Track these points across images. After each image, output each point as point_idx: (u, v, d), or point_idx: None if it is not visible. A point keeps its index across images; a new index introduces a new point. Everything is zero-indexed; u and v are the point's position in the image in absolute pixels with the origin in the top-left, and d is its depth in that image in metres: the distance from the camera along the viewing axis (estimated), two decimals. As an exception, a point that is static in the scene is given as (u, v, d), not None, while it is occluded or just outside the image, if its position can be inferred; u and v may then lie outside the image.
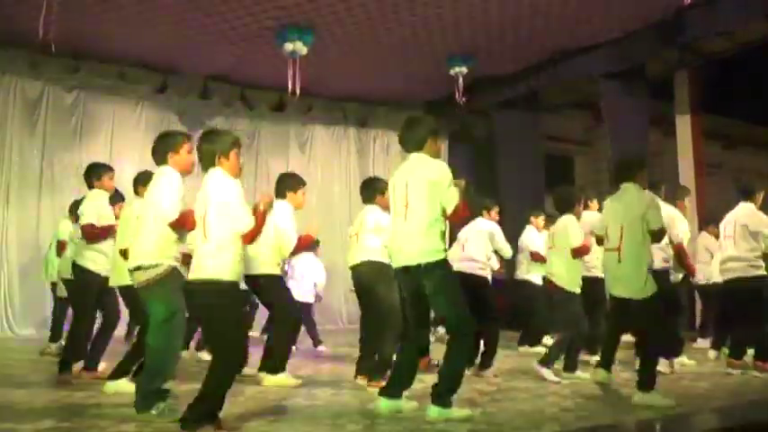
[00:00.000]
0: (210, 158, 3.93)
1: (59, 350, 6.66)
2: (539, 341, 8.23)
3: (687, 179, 11.02)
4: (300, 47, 9.03)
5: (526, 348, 8.04)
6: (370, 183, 6.06)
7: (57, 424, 3.95)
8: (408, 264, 4.26)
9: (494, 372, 6.12)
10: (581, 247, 5.92)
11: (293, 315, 5.88)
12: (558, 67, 10.63)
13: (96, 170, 5.83)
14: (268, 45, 9.41)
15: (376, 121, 13.13)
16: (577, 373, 5.92)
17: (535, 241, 8.12)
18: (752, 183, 6.69)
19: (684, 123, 11.34)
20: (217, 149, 3.92)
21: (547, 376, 5.71)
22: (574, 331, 5.88)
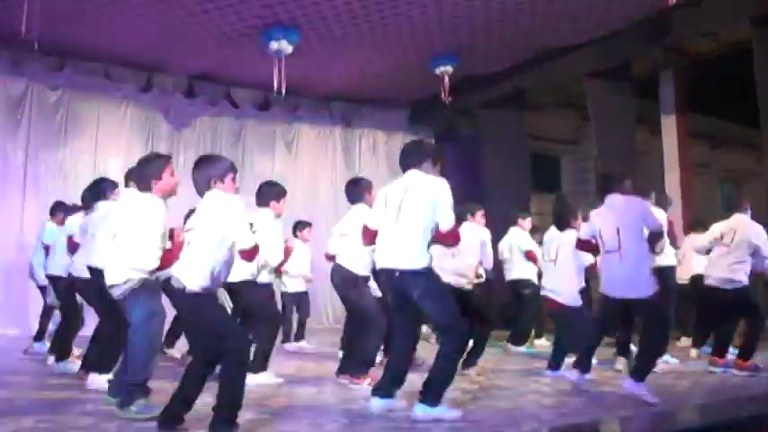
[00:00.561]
0: (206, 183, 3.93)
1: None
2: (524, 340, 8.23)
3: (674, 179, 11.09)
4: (285, 46, 9.01)
5: (512, 347, 8.02)
6: (356, 182, 6.04)
7: (36, 424, 3.93)
8: (392, 267, 4.26)
9: (477, 371, 6.12)
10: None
11: (274, 315, 5.85)
12: (544, 66, 10.59)
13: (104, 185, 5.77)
14: (253, 44, 9.37)
15: (362, 120, 13.11)
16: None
17: (527, 241, 8.09)
18: (737, 196, 6.71)
19: (670, 123, 11.36)
20: (212, 174, 3.94)
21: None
22: (595, 341, 5.57)
